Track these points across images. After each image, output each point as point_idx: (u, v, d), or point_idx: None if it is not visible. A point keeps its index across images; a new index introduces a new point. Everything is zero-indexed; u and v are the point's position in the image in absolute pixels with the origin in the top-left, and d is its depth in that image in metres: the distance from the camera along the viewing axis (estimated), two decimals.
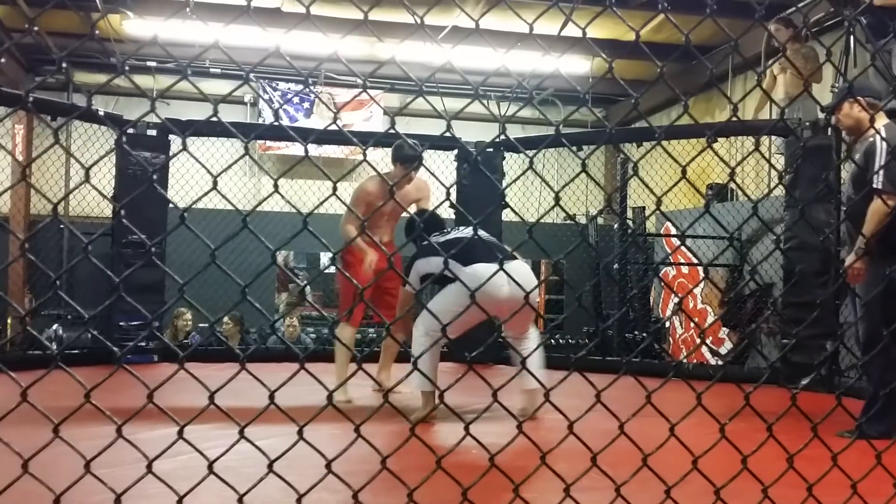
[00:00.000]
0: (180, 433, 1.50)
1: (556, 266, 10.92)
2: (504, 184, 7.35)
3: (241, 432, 1.54)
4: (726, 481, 1.83)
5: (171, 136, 7.09)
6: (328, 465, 1.56)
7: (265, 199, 1.51)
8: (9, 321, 10.55)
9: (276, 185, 1.44)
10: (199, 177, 6.99)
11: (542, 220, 1.83)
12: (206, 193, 1.48)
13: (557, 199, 1.57)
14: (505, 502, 1.70)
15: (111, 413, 1.45)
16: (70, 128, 10.65)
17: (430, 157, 7.73)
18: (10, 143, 9.67)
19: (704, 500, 1.86)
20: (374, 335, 10.18)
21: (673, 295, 8.43)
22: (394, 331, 5.16)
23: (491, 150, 7.61)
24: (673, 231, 8.43)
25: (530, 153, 1.59)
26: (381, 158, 8.45)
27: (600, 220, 10.75)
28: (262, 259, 6.81)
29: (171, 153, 7.17)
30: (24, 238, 1.28)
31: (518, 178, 1.73)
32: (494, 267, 3.90)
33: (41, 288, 9.66)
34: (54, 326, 8.90)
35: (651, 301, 8.79)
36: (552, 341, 9.99)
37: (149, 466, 1.47)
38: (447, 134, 1.55)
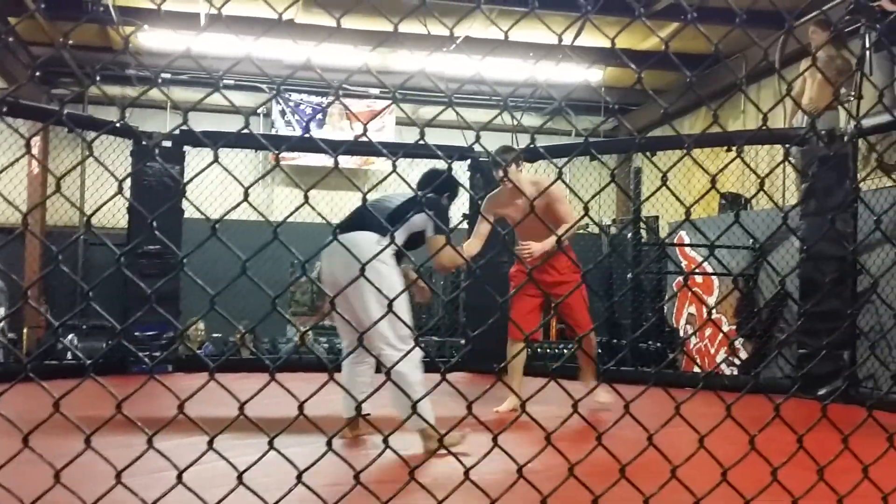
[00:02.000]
0: (210, 444, 1.50)
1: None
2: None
3: (271, 443, 1.54)
4: (757, 493, 1.82)
5: (187, 148, 7.11)
6: (356, 476, 1.56)
7: (296, 211, 1.51)
8: (24, 331, 10.61)
9: (306, 197, 1.44)
10: (214, 187, 7.02)
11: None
12: (237, 205, 1.49)
13: (587, 209, 1.57)
14: None
15: (132, 422, 1.45)
16: (85, 140, 10.72)
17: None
18: (27, 156, 9.71)
19: None
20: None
21: (687, 305, 8.39)
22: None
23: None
24: (686, 240, 8.41)
25: (559, 162, 1.59)
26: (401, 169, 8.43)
27: (613, 230, 10.73)
28: (274, 269, 6.80)
29: (185, 164, 7.20)
30: (58, 250, 1.28)
31: (548, 187, 1.73)
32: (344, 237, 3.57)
33: (57, 298, 9.71)
34: (70, 336, 8.95)
35: (665, 310, 8.76)
36: (565, 351, 9.97)
37: (179, 477, 1.47)
38: (475, 146, 1.55)
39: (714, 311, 8.11)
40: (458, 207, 7.60)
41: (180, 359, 6.97)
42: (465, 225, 7.09)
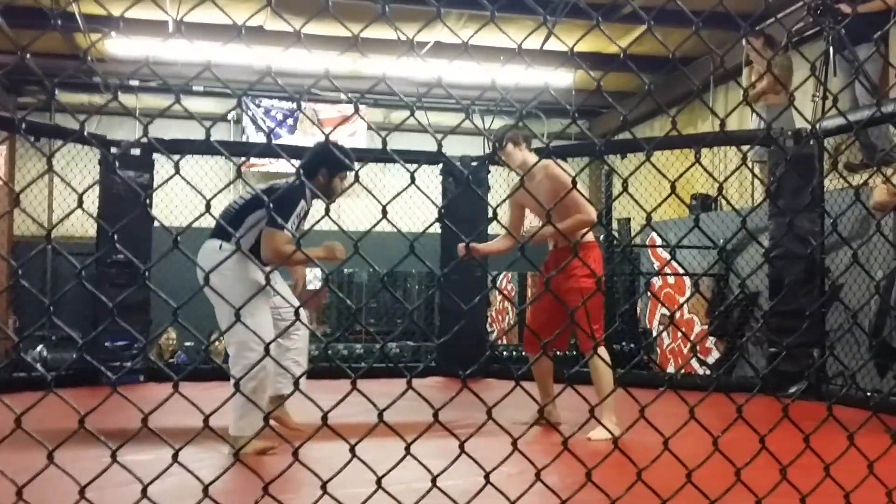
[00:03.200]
0: (175, 457, 1.49)
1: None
2: (489, 197, 7.37)
3: (237, 455, 1.53)
4: (720, 494, 1.84)
5: (156, 155, 7.06)
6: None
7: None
8: None
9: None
10: (184, 195, 6.97)
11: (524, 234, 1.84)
12: (199, 217, 1.48)
13: (549, 216, 1.58)
14: None
15: (100, 435, 1.44)
16: (52, 148, 10.62)
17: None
18: None
19: None
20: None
21: (660, 306, 8.45)
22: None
23: (475, 163, 7.64)
24: (658, 241, 8.47)
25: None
26: (373, 174, 8.47)
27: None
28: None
29: (155, 172, 7.14)
30: (20, 263, 1.27)
31: (511, 193, 1.74)
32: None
33: (26, 309, 9.58)
34: (39, 347, 8.83)
35: (637, 312, 8.82)
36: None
37: (144, 491, 1.47)
38: (440, 151, 1.56)
39: (686, 311, 8.18)
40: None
41: (151, 368, 6.91)
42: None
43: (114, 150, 7.01)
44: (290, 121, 12.18)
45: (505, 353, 9.88)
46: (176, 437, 1.50)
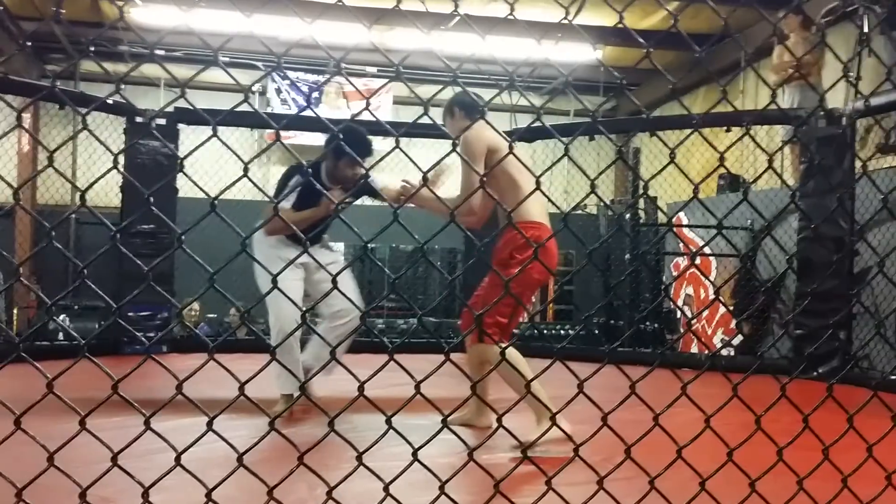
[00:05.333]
0: (209, 424, 1.46)
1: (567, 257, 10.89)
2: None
3: (272, 423, 1.50)
4: (762, 473, 1.80)
5: (181, 126, 7.03)
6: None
7: (298, 186, 1.46)
8: (15, 311, 10.55)
9: (307, 172, 1.39)
10: (209, 165, 6.94)
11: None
12: (236, 181, 1.45)
13: (593, 187, 1.54)
14: (539, 492, 1.66)
15: (129, 403, 1.42)
16: (76, 116, 10.63)
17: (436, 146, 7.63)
18: (17, 133, 9.63)
19: (739, 493, 1.83)
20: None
21: (685, 286, 8.38)
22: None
23: None
24: (684, 222, 8.38)
25: (565, 140, 1.55)
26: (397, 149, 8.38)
27: (610, 211, 10.69)
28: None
29: (178, 142, 7.12)
30: (52, 226, 1.24)
31: (553, 164, 1.69)
32: None
33: (48, 278, 9.64)
34: (62, 317, 8.89)
35: (668, 290, 8.75)
36: (563, 331, 9.97)
37: (178, 458, 1.44)
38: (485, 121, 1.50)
39: (711, 292, 8.10)
40: None
41: (175, 339, 6.94)
42: None
43: (138, 119, 7.00)
44: (315, 94, 12.14)
45: (545, 331, 9.89)
46: (203, 407, 1.47)
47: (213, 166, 6.73)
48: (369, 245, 11.15)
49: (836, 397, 1.88)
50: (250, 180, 1.39)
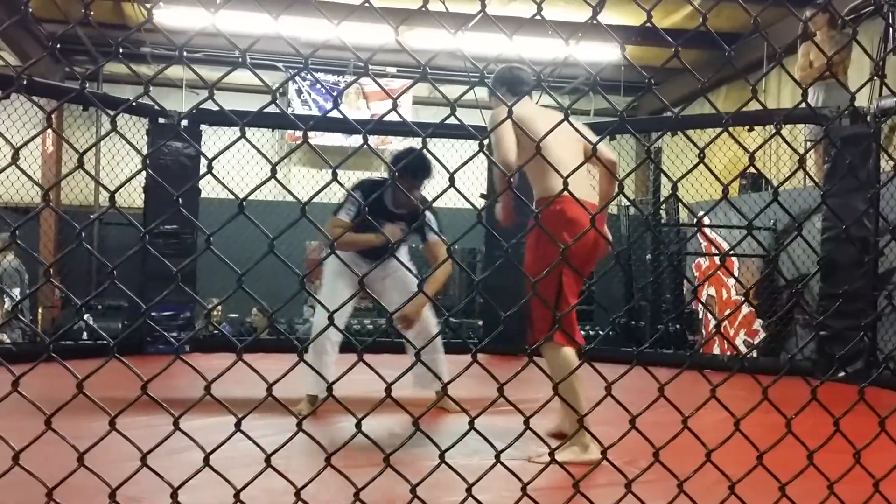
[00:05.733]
0: (238, 425, 1.46)
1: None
2: None
3: (300, 424, 1.50)
4: (793, 476, 1.78)
5: (203, 126, 7.06)
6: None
7: (326, 186, 1.46)
8: (40, 311, 10.65)
9: (335, 174, 1.39)
10: (231, 167, 6.97)
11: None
12: (263, 182, 1.45)
13: (621, 187, 1.53)
14: (567, 495, 1.66)
15: (156, 404, 1.42)
16: (100, 117, 10.71)
17: (455, 145, 7.62)
18: (42, 134, 9.71)
19: (767, 496, 1.81)
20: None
21: (707, 286, 8.32)
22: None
23: None
24: (706, 221, 8.33)
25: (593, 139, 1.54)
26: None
27: (631, 210, 10.64)
28: (290, 249, 6.74)
29: (201, 143, 7.16)
30: (82, 226, 1.25)
31: (581, 165, 1.68)
32: None
33: (72, 279, 9.71)
34: (86, 317, 8.97)
35: (684, 291, 8.69)
36: (585, 331, 9.92)
37: (206, 459, 1.44)
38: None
39: (736, 292, 8.04)
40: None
41: (198, 339, 6.97)
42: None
43: (161, 120, 7.04)
44: (339, 94, 12.17)
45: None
46: (231, 406, 1.47)
47: (235, 167, 6.78)
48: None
49: (864, 399, 1.86)
50: (278, 182, 1.39)
